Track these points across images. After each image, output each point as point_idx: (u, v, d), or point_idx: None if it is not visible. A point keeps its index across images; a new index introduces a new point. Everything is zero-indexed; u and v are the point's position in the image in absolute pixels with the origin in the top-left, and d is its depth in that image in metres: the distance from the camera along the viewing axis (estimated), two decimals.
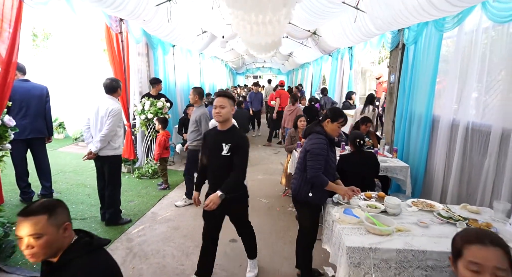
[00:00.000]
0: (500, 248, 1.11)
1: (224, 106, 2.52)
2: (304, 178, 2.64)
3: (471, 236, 1.16)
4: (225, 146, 2.50)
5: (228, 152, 2.51)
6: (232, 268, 3.10)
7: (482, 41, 3.27)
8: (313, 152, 2.54)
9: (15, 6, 2.83)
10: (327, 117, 2.67)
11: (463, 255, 1.14)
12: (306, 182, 2.62)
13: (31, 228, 1.34)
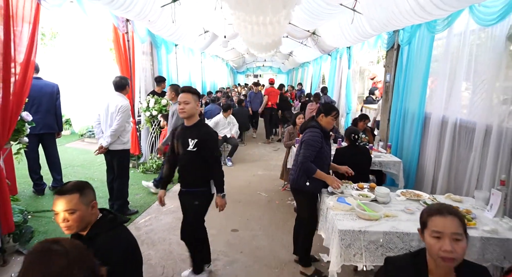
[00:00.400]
0: (456, 217, 1.32)
1: (188, 102, 2.53)
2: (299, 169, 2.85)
3: (433, 209, 1.37)
4: (191, 142, 2.54)
5: (194, 147, 2.54)
6: (233, 254, 3.32)
7: (469, 42, 3.48)
8: (307, 142, 2.76)
9: (34, 8, 3.04)
10: (321, 112, 2.88)
11: (427, 226, 1.35)
12: (302, 173, 2.83)
13: (66, 204, 1.57)
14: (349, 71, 8.48)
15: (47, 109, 4.33)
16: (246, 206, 4.56)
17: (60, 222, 1.59)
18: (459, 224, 1.32)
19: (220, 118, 7.01)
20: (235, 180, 5.68)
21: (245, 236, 3.71)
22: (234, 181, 5.62)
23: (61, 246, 1.05)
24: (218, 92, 11.77)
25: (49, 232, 3.55)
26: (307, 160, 2.71)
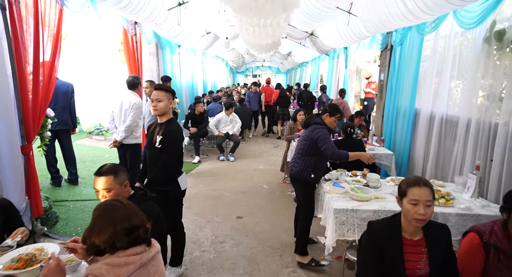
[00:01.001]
0: (429, 187, 1.64)
1: (160, 99, 2.54)
2: (308, 161, 3.03)
3: (412, 181, 1.69)
4: (158, 138, 2.59)
5: (159, 144, 2.58)
6: (239, 237, 3.64)
7: (454, 44, 3.81)
8: (322, 138, 2.93)
9: (57, 14, 3.35)
10: (326, 112, 3.11)
11: (407, 195, 1.67)
12: (309, 165, 3.03)
13: (104, 184, 1.89)
14: (346, 71, 8.81)
15: (63, 107, 4.62)
16: (249, 196, 4.87)
17: (100, 198, 1.91)
18: (430, 193, 1.64)
19: (222, 115, 7.32)
20: (238, 174, 6.00)
21: (249, 222, 4.03)
22: (237, 175, 5.94)
23: (120, 202, 1.38)
24: (219, 91, 12.09)
25: (69, 219, 3.87)
26: (334, 150, 2.89)
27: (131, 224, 1.32)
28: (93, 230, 1.30)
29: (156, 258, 1.43)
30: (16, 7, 2.78)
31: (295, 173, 3.12)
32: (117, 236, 1.28)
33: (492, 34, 3.00)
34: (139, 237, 1.33)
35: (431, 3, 3.31)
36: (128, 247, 1.30)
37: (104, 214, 1.33)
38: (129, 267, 1.27)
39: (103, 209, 1.36)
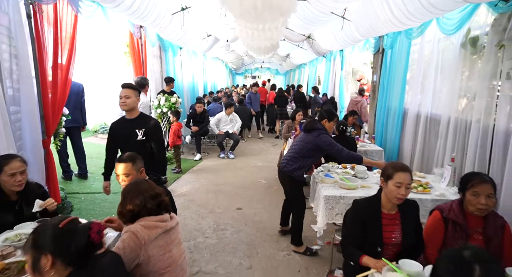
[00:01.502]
0: (409, 172, 1.96)
1: (129, 96, 2.80)
2: (304, 162, 3.24)
3: (398, 167, 1.98)
4: (139, 132, 2.87)
5: (143, 136, 2.87)
6: (239, 226, 3.95)
7: (437, 48, 4.13)
8: (329, 143, 3.14)
9: (72, 20, 3.65)
10: (325, 117, 3.36)
11: (393, 178, 1.97)
12: (305, 166, 3.26)
13: (123, 169, 2.20)
14: (342, 72, 9.14)
15: (74, 106, 4.92)
16: (248, 190, 5.18)
17: (120, 181, 2.22)
18: (411, 177, 1.96)
19: (222, 115, 7.64)
20: (238, 171, 6.31)
21: (248, 213, 4.34)
22: (237, 171, 6.25)
23: (144, 180, 1.70)
24: (219, 92, 12.41)
25: (82, 209, 4.17)
26: (347, 151, 3.12)
27: (155, 192, 1.65)
28: (126, 200, 1.62)
29: (176, 228, 1.75)
30: (39, 15, 3.09)
31: (289, 171, 3.29)
32: (146, 200, 1.60)
33: (467, 40, 3.32)
34: (163, 201, 1.65)
35: (414, 11, 3.63)
36: (156, 211, 1.62)
37: (133, 188, 1.65)
38: (157, 230, 1.59)
39: (131, 185, 1.68)
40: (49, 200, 2.14)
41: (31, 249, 1.18)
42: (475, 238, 1.93)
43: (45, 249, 1.18)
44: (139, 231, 1.56)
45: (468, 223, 1.95)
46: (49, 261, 1.18)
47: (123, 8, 4.13)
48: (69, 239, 1.22)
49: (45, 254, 1.18)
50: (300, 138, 3.40)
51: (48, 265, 1.18)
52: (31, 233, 1.24)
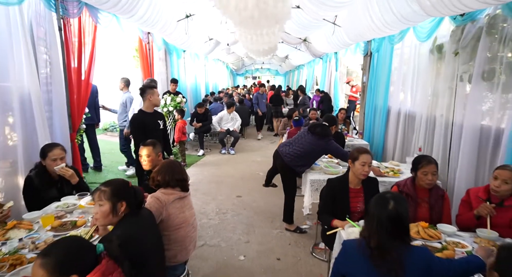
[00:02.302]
0: (371, 154, 2.50)
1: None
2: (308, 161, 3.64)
3: (361, 150, 2.52)
4: (160, 122, 3.82)
5: (163, 126, 3.85)
6: (238, 210, 4.48)
7: (414, 53, 4.64)
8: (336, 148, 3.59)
9: (92, 30, 4.19)
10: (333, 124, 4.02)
11: (358, 159, 2.49)
12: (307, 164, 3.66)
13: (146, 151, 2.74)
14: (336, 73, 9.67)
15: (89, 105, 5.40)
16: (247, 181, 5.72)
17: (141, 161, 2.76)
18: (371, 158, 2.50)
19: (223, 113, 8.18)
20: (238, 164, 6.84)
21: (247, 200, 4.87)
22: (237, 165, 6.79)
23: (179, 164, 2.26)
24: (221, 92, 12.95)
25: None
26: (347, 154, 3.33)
27: (182, 177, 2.21)
28: (159, 173, 2.17)
29: (188, 197, 2.31)
30: (68, 27, 3.63)
31: (293, 165, 3.64)
32: (171, 180, 2.16)
33: (434, 47, 3.84)
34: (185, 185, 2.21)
35: (390, 21, 4.16)
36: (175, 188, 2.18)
37: (168, 168, 2.21)
38: (174, 196, 2.13)
39: (169, 164, 2.25)
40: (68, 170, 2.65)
41: (112, 198, 1.72)
42: (422, 206, 2.46)
43: (121, 198, 1.74)
44: (160, 196, 2.10)
45: (417, 194, 2.48)
46: (123, 206, 1.74)
47: (136, 18, 4.67)
48: (134, 193, 1.82)
49: (121, 201, 1.73)
50: (309, 140, 3.63)
51: (122, 209, 1.74)
52: (109, 186, 1.76)
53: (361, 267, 1.49)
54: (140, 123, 3.65)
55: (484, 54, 2.95)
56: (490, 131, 2.95)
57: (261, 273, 3.05)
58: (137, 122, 3.67)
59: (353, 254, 1.55)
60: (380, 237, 1.47)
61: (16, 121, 3.09)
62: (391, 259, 1.43)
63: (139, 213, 1.83)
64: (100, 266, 1.21)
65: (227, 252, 3.41)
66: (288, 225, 3.94)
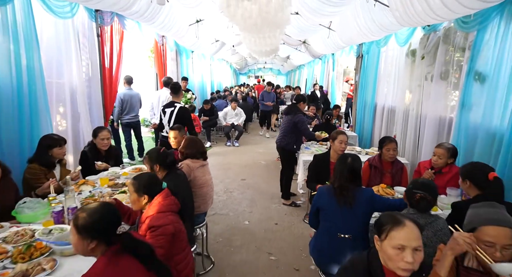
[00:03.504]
0: (346, 135, 3.24)
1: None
2: (291, 138, 4.49)
3: (339, 131, 3.27)
4: None
5: None
6: (243, 190, 5.23)
7: (396, 55, 5.37)
8: (301, 121, 4.41)
9: (120, 35, 4.94)
10: (300, 100, 4.70)
11: (337, 138, 3.25)
12: (292, 140, 4.50)
13: (173, 134, 3.49)
14: (334, 73, 10.39)
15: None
16: (250, 168, 6.47)
17: (170, 142, 3.52)
18: (347, 137, 3.26)
19: (228, 109, 8.94)
20: (242, 155, 7.59)
21: (251, 182, 5.62)
22: (241, 155, 7.54)
23: (200, 141, 3.00)
24: (226, 91, 13.72)
25: None
26: (308, 130, 4.47)
27: (204, 150, 2.94)
28: (186, 148, 2.91)
29: (207, 165, 3.04)
30: (103, 33, 4.39)
31: (284, 145, 4.57)
32: (197, 152, 2.89)
33: (409, 51, 4.57)
34: (206, 157, 2.95)
35: (373, 28, 4.88)
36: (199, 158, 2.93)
37: (193, 143, 2.95)
38: (198, 163, 2.89)
39: (194, 141, 2.98)
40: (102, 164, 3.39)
41: (148, 161, 2.47)
42: (386, 175, 3.20)
43: (154, 161, 2.47)
44: (189, 163, 2.85)
45: (383, 166, 3.22)
46: (158, 167, 2.48)
47: (156, 24, 5.43)
48: (166, 156, 2.53)
49: (156, 165, 2.47)
50: (284, 121, 4.68)
51: (157, 169, 2.48)
52: (146, 154, 2.52)
53: (328, 201, 2.24)
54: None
55: (442, 58, 3.69)
56: (445, 120, 3.69)
57: (262, 233, 3.80)
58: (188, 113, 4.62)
59: (324, 193, 2.30)
60: (341, 181, 2.22)
61: (67, 111, 3.86)
62: (347, 194, 2.18)
63: (177, 173, 2.58)
64: (163, 192, 1.97)
65: (234, 219, 4.17)
66: (285, 200, 4.71)
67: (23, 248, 1.72)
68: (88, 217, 1.36)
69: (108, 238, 1.39)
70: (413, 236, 1.31)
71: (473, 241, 1.39)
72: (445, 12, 3.08)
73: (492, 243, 1.36)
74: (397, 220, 1.35)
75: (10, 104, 2.88)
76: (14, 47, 2.87)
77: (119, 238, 1.41)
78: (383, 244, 1.36)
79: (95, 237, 1.36)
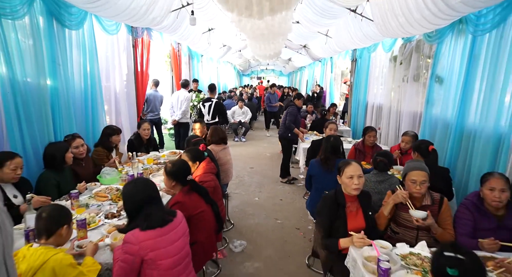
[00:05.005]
0: (336, 124, 4.12)
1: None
2: (285, 128, 5.46)
3: (331, 122, 4.15)
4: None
5: None
6: (252, 175, 6.12)
7: (383, 59, 6.26)
8: (290, 113, 5.42)
9: (147, 44, 5.84)
10: (295, 98, 5.64)
11: (328, 127, 4.14)
12: (286, 130, 5.47)
13: (198, 126, 4.39)
14: (332, 75, 11.27)
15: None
16: (257, 159, 7.37)
17: (194, 132, 4.42)
18: (336, 126, 4.14)
19: (236, 108, 9.84)
20: (249, 149, 8.49)
21: (258, 170, 6.52)
22: (248, 149, 8.43)
23: (221, 129, 3.90)
24: (231, 91, 14.66)
25: None
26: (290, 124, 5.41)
27: (224, 136, 3.83)
28: (211, 136, 3.80)
29: (229, 148, 3.93)
30: (136, 44, 5.29)
31: (281, 133, 5.63)
32: (218, 139, 3.78)
33: (392, 57, 5.45)
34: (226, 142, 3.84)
35: (361, 37, 5.77)
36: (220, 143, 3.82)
37: (215, 131, 3.83)
38: (221, 147, 3.79)
39: (216, 129, 3.86)
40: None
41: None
42: (367, 157, 4.07)
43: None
44: (214, 147, 3.74)
45: (365, 150, 4.10)
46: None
47: (177, 35, 6.35)
48: (195, 144, 3.42)
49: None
50: (283, 114, 5.69)
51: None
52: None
53: (317, 169, 3.14)
54: None
55: (414, 64, 4.57)
56: (417, 114, 4.57)
57: (270, 206, 4.69)
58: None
59: (314, 164, 3.20)
60: (325, 154, 3.12)
61: (111, 108, 4.76)
62: (329, 163, 3.07)
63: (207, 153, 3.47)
64: (206, 159, 2.86)
65: (246, 196, 5.06)
66: (283, 179, 5.67)
67: (118, 194, 2.63)
68: (172, 167, 2.26)
69: (182, 181, 2.28)
70: (357, 168, 2.23)
71: (406, 195, 2.27)
72: (415, 27, 3.96)
73: (414, 180, 2.24)
74: (346, 162, 2.29)
75: (80, 102, 3.79)
76: (82, 59, 3.78)
77: (188, 182, 2.30)
78: (341, 178, 2.29)
79: (175, 179, 2.25)
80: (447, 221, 2.23)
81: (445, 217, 2.24)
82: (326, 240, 2.21)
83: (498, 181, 2.08)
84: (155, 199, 1.80)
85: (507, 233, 2.06)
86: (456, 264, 1.24)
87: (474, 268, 1.26)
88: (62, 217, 1.71)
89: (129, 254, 1.64)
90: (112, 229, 2.09)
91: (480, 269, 1.28)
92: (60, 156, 2.78)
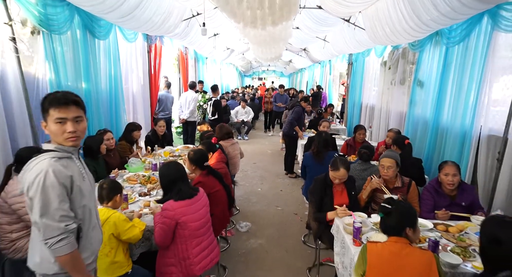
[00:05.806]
0: (329, 122, 4.66)
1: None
2: (289, 126, 6.02)
3: (325, 119, 4.69)
4: None
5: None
6: (255, 170, 6.67)
7: (375, 64, 6.79)
8: (294, 112, 5.92)
9: (159, 49, 6.38)
10: (302, 100, 6.18)
11: (321, 125, 4.67)
12: (289, 127, 6.00)
13: (203, 127, 4.94)
14: (330, 77, 11.81)
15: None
16: (259, 155, 7.91)
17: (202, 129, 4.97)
18: (329, 124, 4.69)
19: (239, 108, 10.40)
20: (251, 146, 9.03)
21: (260, 165, 7.06)
22: (250, 147, 8.98)
23: (227, 126, 4.45)
24: (234, 92, 15.20)
25: None
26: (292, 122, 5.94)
27: (230, 131, 4.38)
28: (217, 133, 4.34)
29: (237, 143, 4.47)
30: (151, 49, 5.84)
31: (286, 131, 6.10)
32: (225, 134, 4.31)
33: (383, 62, 5.99)
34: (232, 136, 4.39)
35: (356, 44, 6.31)
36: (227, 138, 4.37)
37: (222, 128, 4.37)
38: (229, 142, 4.32)
39: (222, 127, 4.40)
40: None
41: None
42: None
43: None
44: (222, 143, 4.28)
45: (355, 145, 4.64)
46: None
47: (187, 40, 6.90)
48: (208, 138, 3.96)
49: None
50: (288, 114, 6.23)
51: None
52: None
53: (310, 161, 3.68)
54: None
55: (401, 69, 5.11)
56: (403, 114, 5.11)
57: (272, 195, 5.24)
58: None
59: (307, 157, 3.75)
60: (318, 147, 3.66)
61: (129, 108, 5.31)
62: (320, 155, 3.62)
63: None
64: (218, 151, 3.40)
65: (250, 187, 5.61)
66: (290, 174, 6.21)
67: (146, 178, 3.18)
68: (194, 155, 2.81)
69: (201, 165, 2.83)
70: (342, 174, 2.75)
71: (380, 182, 2.81)
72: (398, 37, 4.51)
73: (383, 165, 2.79)
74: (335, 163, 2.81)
75: (105, 102, 4.34)
76: (108, 64, 4.33)
77: (206, 167, 2.85)
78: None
79: (195, 164, 2.80)
80: (414, 199, 2.78)
81: (412, 196, 2.79)
82: (317, 213, 2.75)
83: (451, 167, 2.63)
84: (183, 177, 2.34)
85: (458, 208, 2.61)
86: (385, 211, 1.82)
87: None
88: (116, 188, 2.26)
89: (167, 218, 2.18)
90: (147, 203, 2.64)
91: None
92: (96, 147, 3.33)
